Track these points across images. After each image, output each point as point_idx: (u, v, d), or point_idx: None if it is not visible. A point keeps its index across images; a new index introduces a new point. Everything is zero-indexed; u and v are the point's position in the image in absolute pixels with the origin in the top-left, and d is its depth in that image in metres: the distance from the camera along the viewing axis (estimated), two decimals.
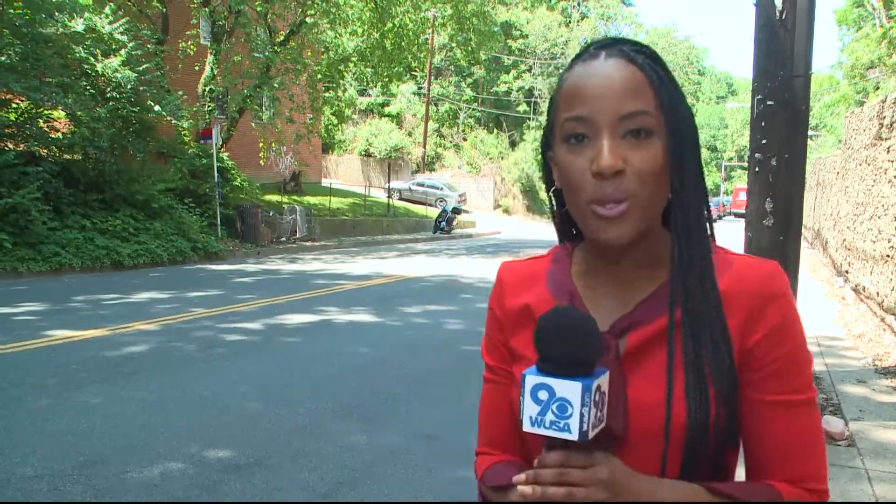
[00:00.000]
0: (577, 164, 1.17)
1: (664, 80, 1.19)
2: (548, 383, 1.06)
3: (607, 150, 1.13)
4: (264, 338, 9.57)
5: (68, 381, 7.12)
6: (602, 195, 1.14)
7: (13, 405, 6.30)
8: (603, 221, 1.15)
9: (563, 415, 1.06)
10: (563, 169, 1.20)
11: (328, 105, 33.60)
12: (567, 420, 1.05)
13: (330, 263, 19.81)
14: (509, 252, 25.41)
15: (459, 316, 11.69)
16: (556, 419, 1.06)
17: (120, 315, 10.78)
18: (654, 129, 1.15)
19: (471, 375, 7.88)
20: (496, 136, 58.79)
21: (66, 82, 17.81)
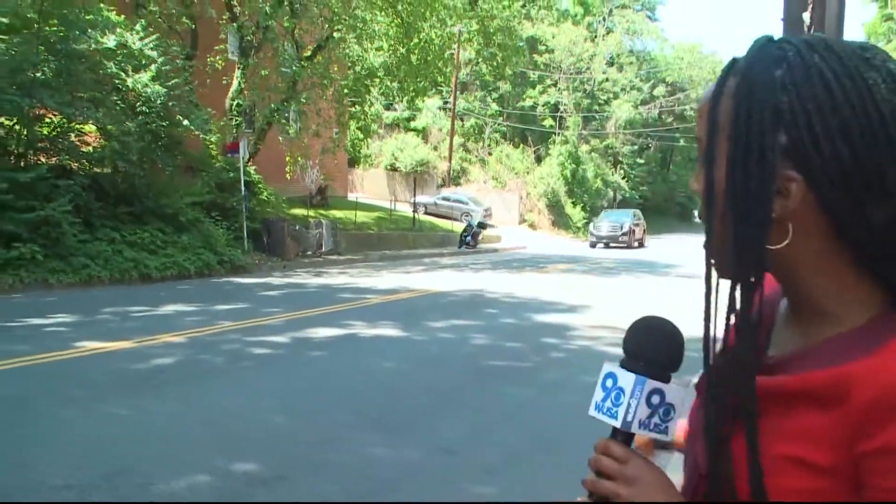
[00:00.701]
0: None
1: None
2: (614, 372, 1.15)
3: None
4: (290, 351, 9.59)
5: (96, 392, 7.16)
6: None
7: (42, 415, 6.35)
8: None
9: (616, 402, 1.14)
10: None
11: (354, 119, 33.67)
12: (617, 407, 1.14)
13: (356, 277, 19.85)
14: (535, 267, 25.35)
15: (484, 331, 11.66)
16: (611, 406, 1.15)
17: (147, 327, 10.84)
18: (716, 157, 1.05)
19: (494, 390, 7.86)
20: (522, 150, 58.76)
21: (97, 97, 18.01)
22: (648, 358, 1.14)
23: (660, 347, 1.15)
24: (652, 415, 1.13)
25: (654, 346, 1.15)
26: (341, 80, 28.14)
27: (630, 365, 1.14)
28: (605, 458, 1.13)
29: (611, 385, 1.16)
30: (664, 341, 1.16)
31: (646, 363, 1.14)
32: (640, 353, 1.15)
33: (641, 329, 1.17)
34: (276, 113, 25.64)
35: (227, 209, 22.31)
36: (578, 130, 60.89)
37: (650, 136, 72.41)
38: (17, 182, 15.65)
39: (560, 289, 18.04)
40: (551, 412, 7.13)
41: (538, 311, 13.93)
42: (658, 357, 1.14)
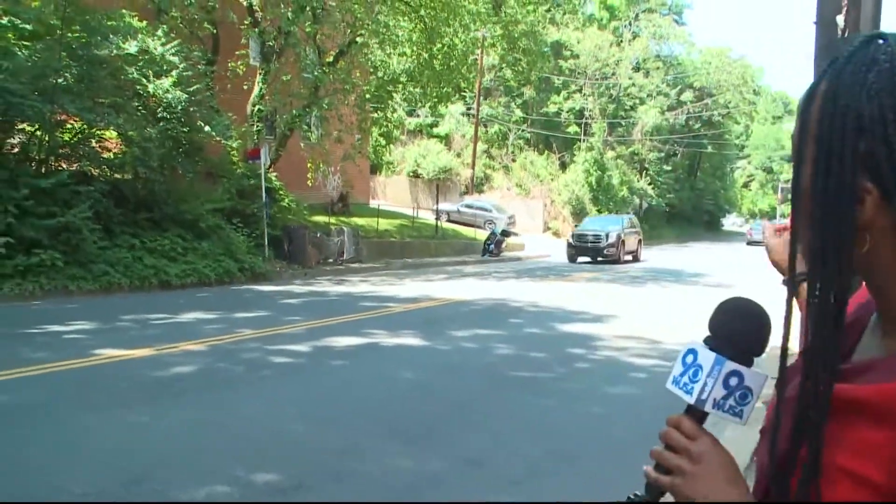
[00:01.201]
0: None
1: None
2: (696, 349, 1.17)
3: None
4: (311, 360, 9.60)
5: (116, 400, 7.20)
6: None
7: (62, 423, 6.39)
8: None
9: (693, 379, 1.15)
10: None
11: (376, 125, 33.83)
12: (693, 384, 1.15)
13: (377, 285, 19.87)
14: (559, 275, 25.28)
15: (508, 340, 11.63)
16: (688, 382, 1.16)
17: (167, 335, 10.89)
18: (803, 161, 1.05)
19: (517, 401, 7.83)
20: (546, 157, 58.69)
21: (118, 103, 18.13)
22: (731, 338, 1.15)
23: (744, 329, 1.16)
24: (727, 396, 1.14)
25: (739, 326, 1.17)
26: (363, 86, 28.24)
27: (712, 343, 1.16)
28: (674, 431, 1.14)
29: (690, 361, 1.17)
30: (749, 323, 1.17)
31: (727, 343, 1.15)
32: (723, 333, 1.16)
33: (727, 309, 1.19)
34: (298, 119, 25.76)
35: (248, 216, 22.40)
36: (604, 137, 60.73)
37: (677, 142, 72.05)
38: (37, 188, 15.77)
39: (585, 298, 17.98)
40: (575, 423, 7.10)
41: (563, 321, 13.89)
42: (741, 338, 1.15)
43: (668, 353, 10.69)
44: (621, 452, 6.14)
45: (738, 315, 1.18)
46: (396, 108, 36.09)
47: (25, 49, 16.65)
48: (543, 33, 42.40)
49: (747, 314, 1.18)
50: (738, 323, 1.17)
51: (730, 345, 1.15)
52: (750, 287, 22.11)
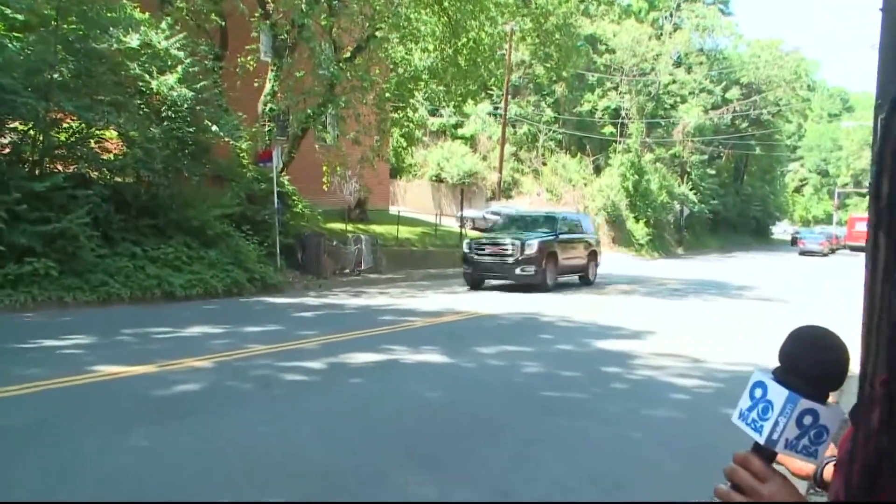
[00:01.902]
0: None
1: None
2: (765, 382, 1.16)
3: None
4: (326, 378, 9.60)
5: (115, 420, 7.20)
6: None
7: (57, 445, 6.39)
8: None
9: (763, 416, 1.15)
10: None
11: (397, 126, 33.84)
12: (763, 422, 1.14)
13: (397, 298, 19.86)
14: (593, 287, 25.17)
15: (538, 358, 11.59)
16: (757, 418, 1.16)
17: (171, 350, 10.91)
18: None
19: (548, 423, 7.78)
20: (579, 160, 58.60)
21: (119, 101, 18.15)
22: (805, 373, 1.14)
23: (819, 362, 1.14)
24: (801, 436, 1.13)
25: (813, 360, 1.15)
26: (383, 84, 28.26)
27: (784, 378, 1.14)
28: (742, 471, 1.13)
29: (759, 395, 1.16)
30: (824, 356, 1.15)
31: (801, 379, 1.13)
32: (796, 367, 1.14)
33: (801, 339, 1.17)
34: (312, 118, 25.81)
35: (259, 223, 22.45)
36: (641, 138, 60.55)
37: (722, 143, 71.74)
38: (31, 192, 15.78)
39: (621, 312, 17.90)
40: (612, 448, 7.04)
41: (596, 337, 13.83)
42: (816, 373, 1.14)
43: (711, 374, 10.61)
44: (662, 481, 6.09)
45: (813, 347, 1.16)
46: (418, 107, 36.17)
47: (17, 41, 16.63)
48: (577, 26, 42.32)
49: (824, 346, 1.15)
50: (813, 355, 1.14)
51: (803, 379, 1.13)
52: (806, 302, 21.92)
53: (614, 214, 52.35)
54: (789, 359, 1.16)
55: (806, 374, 1.13)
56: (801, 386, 1.12)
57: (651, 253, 52.24)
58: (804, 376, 1.13)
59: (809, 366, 1.13)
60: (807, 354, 1.14)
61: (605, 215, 52.11)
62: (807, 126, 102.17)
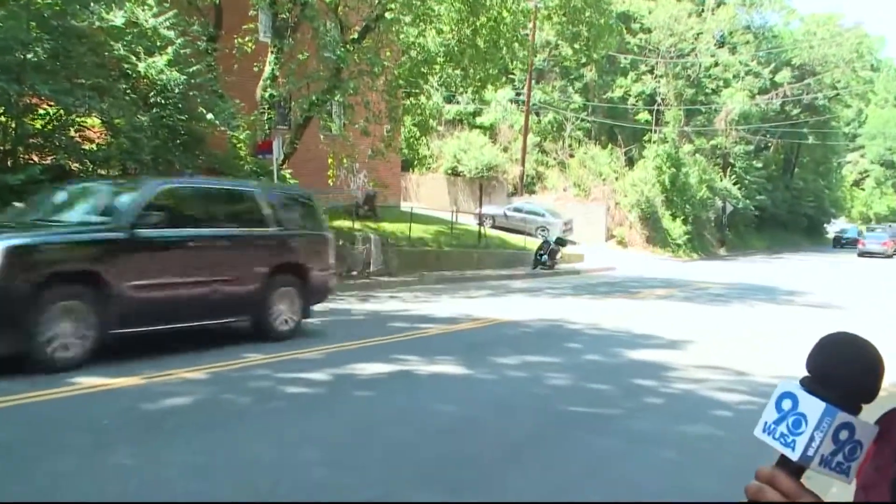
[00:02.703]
0: None
1: None
2: (795, 393, 1.17)
3: None
4: (331, 391, 9.61)
5: (98, 438, 7.21)
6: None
7: (33, 467, 6.39)
8: None
9: (795, 430, 1.15)
10: None
11: (409, 114, 33.81)
12: (796, 437, 1.14)
13: (410, 303, 19.87)
14: (626, 292, 25.13)
15: (564, 369, 11.58)
16: (787, 432, 1.16)
17: (159, 360, 10.92)
18: None
19: (576, 442, 7.76)
20: (610, 151, 58.43)
21: (101, 84, 18.04)
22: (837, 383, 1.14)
23: (854, 373, 1.14)
24: (836, 452, 1.13)
25: (849, 370, 1.15)
26: (394, 68, 28.24)
27: (815, 389, 1.15)
28: (770, 489, 1.13)
29: (788, 408, 1.16)
30: (859, 365, 1.15)
31: (834, 388, 1.14)
32: (828, 377, 1.15)
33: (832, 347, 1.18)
34: (317, 106, 25.78)
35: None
36: (679, 126, 60.39)
37: (770, 132, 71.23)
38: (3, 185, 15.64)
39: (656, 319, 17.85)
40: (646, 470, 7.02)
41: (629, 346, 13.80)
42: (850, 383, 1.14)
43: (757, 388, 10.56)
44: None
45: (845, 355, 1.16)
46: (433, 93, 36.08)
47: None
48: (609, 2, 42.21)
49: (857, 354, 1.16)
50: (847, 365, 1.15)
51: (837, 390, 1.13)
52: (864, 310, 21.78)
53: (648, 211, 52.18)
54: (819, 367, 1.16)
55: (840, 385, 1.13)
56: (836, 398, 1.12)
57: (689, 254, 52.09)
58: (838, 387, 1.12)
59: (843, 376, 1.13)
60: (840, 364, 1.14)
61: (638, 212, 51.95)
62: (868, 111, 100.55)
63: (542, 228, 41.99)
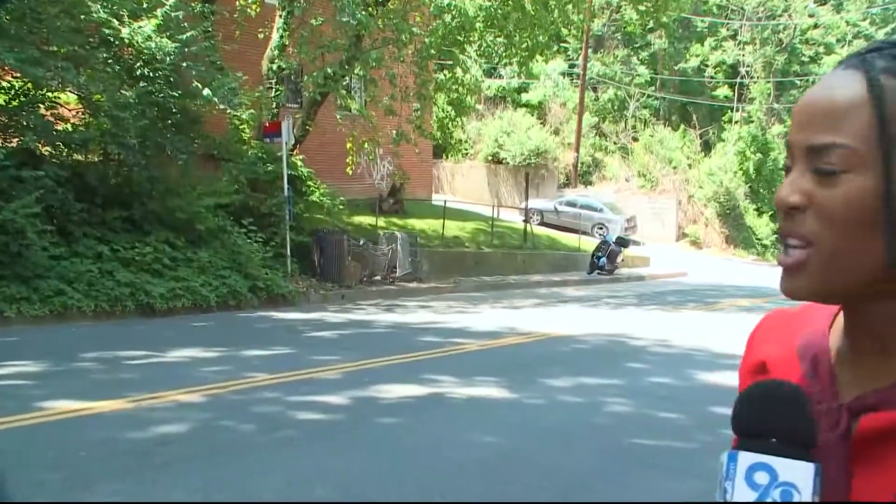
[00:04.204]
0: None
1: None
2: (769, 463, 1.18)
3: (786, 182, 1.31)
4: (351, 417, 9.61)
5: (74, 474, 7.22)
6: (782, 234, 1.33)
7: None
8: (782, 270, 1.35)
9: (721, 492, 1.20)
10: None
11: (442, 91, 33.82)
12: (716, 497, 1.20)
13: (443, 313, 19.88)
14: (701, 302, 25.04)
15: (627, 393, 11.53)
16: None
17: (148, 380, 10.95)
18: (853, 167, 1.24)
19: (641, 481, 7.73)
20: (682, 134, 58.25)
21: (78, 53, 18.08)
22: (801, 437, 1.21)
23: (802, 416, 1.23)
24: (762, 498, 1.17)
25: (763, 411, 1.25)
26: (425, 35, 28.16)
27: (784, 450, 1.19)
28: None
29: (766, 481, 1.18)
30: (799, 407, 1.24)
31: (800, 444, 1.20)
32: (791, 431, 1.21)
33: (765, 398, 1.27)
34: (333, 80, 25.75)
35: (264, 216, 22.53)
36: (768, 103, 60.06)
37: None
38: None
39: (739, 336, 17.63)
40: None
41: (706, 368, 13.75)
42: (770, 424, 1.22)
43: None
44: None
45: (780, 402, 1.25)
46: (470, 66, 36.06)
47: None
48: None
49: (787, 397, 1.25)
50: (787, 410, 1.24)
51: (797, 443, 1.20)
52: None
53: (728, 206, 51.98)
54: (759, 421, 1.25)
55: (756, 429, 1.23)
56: (754, 442, 1.20)
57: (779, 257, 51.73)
58: (756, 432, 1.23)
59: (759, 419, 1.24)
60: (756, 409, 1.26)
61: (716, 207, 51.75)
62: None
63: (599, 226, 42.06)
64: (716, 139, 59.12)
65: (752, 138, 53.99)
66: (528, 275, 31.71)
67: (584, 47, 50.21)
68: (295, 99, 28.56)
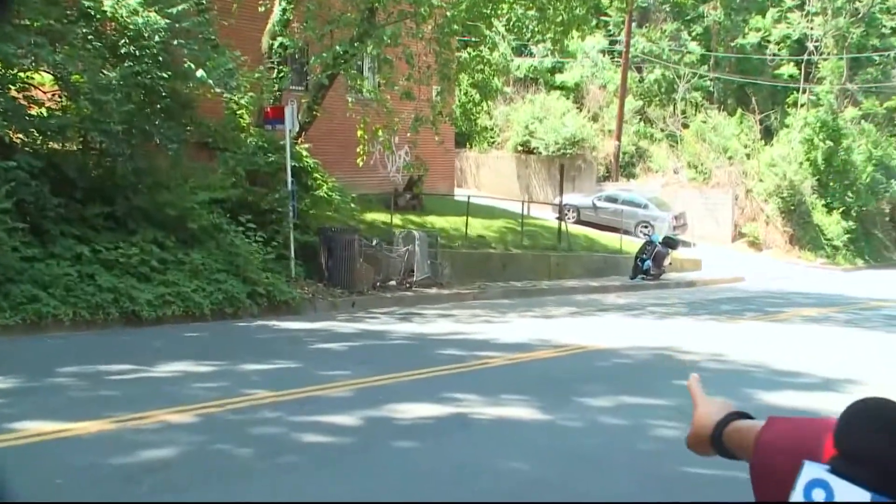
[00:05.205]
0: None
1: None
2: (828, 481, 1.19)
3: None
4: (362, 440, 9.62)
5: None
6: None
7: None
8: None
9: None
10: None
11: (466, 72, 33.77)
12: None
13: (466, 323, 19.90)
14: (761, 311, 24.96)
15: (677, 416, 11.44)
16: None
17: (134, 398, 10.97)
18: None
19: None
20: (739, 119, 57.98)
21: (54, 28, 18.06)
22: (876, 461, 1.18)
23: (890, 445, 1.19)
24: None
25: (889, 443, 1.20)
26: (446, 8, 28.11)
27: (851, 471, 1.19)
28: None
29: (822, 497, 1.19)
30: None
31: (875, 469, 1.18)
32: (863, 454, 1.20)
33: (862, 416, 1.24)
34: (343, 60, 25.76)
35: (265, 212, 22.58)
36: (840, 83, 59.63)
37: None
38: None
39: (804, 350, 17.67)
40: None
41: (766, 387, 13.68)
42: (890, 460, 1.19)
43: None
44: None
45: (876, 424, 1.23)
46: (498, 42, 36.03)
47: None
48: None
49: (890, 422, 1.23)
50: (879, 436, 1.21)
51: (872, 469, 1.18)
52: None
53: (793, 201, 51.69)
54: (854, 443, 1.20)
55: (874, 462, 1.17)
56: (875, 480, 1.16)
57: (852, 260, 51.64)
58: (872, 465, 1.17)
59: (878, 451, 1.18)
60: (873, 435, 1.20)
61: (778, 203, 51.46)
62: None
63: (644, 224, 42.04)
64: (778, 125, 58.90)
65: (822, 124, 53.51)
66: (563, 280, 31.71)
67: (627, 21, 50.17)
68: (300, 81, 28.58)
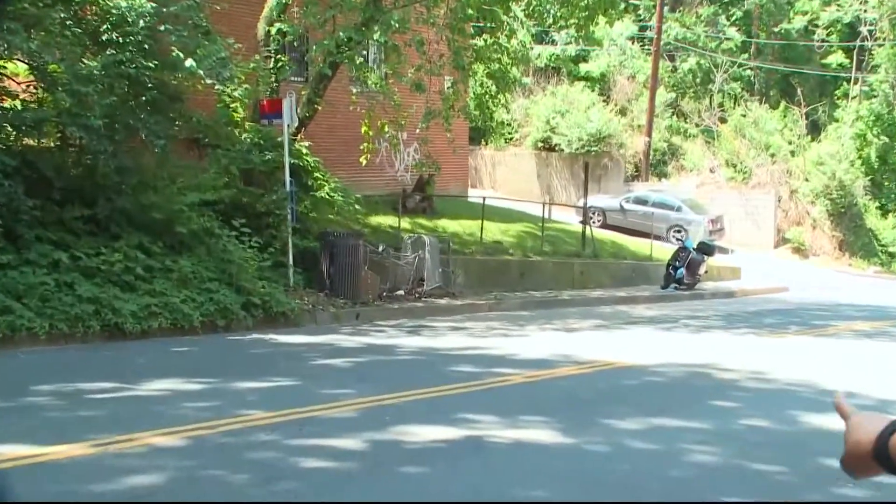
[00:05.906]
0: None
1: None
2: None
3: None
4: (367, 465, 9.64)
5: None
6: None
7: None
8: None
9: None
10: None
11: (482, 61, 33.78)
12: None
13: (481, 337, 19.91)
14: (806, 325, 24.92)
15: (714, 440, 11.48)
16: None
17: (117, 419, 11.00)
18: None
19: None
20: (783, 113, 57.92)
21: (28, 13, 18.03)
22: None
23: None
24: None
25: None
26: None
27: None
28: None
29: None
30: None
31: None
32: None
33: None
34: (347, 48, 25.74)
35: (260, 215, 22.60)
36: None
37: None
38: None
39: (855, 368, 17.64)
40: None
41: (812, 408, 13.60)
42: None
43: None
44: None
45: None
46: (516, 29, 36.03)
47: None
48: None
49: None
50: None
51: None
52: None
53: (843, 203, 51.52)
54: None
55: None
56: None
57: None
58: None
59: None
60: None
61: (826, 205, 51.31)
62: None
63: (677, 229, 42.09)
64: (827, 119, 58.77)
65: (876, 118, 53.22)
66: (587, 290, 31.73)
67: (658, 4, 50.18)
68: (299, 72, 28.63)
